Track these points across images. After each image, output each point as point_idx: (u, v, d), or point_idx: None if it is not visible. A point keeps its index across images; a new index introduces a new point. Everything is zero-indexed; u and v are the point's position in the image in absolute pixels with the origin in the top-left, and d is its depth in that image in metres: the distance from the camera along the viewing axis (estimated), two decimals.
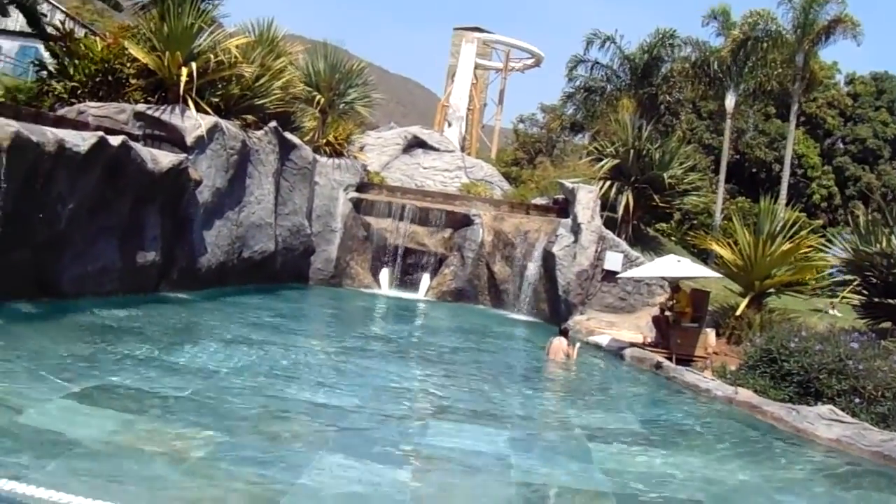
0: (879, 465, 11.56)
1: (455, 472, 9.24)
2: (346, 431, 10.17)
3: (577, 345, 19.45)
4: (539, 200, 31.63)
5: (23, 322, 13.98)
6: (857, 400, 14.15)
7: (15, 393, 9.44)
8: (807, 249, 22.71)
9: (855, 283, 20.15)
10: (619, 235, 27.15)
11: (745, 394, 15.21)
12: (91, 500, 6.42)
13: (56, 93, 21.37)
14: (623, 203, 27.97)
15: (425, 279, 28.94)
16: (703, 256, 33.11)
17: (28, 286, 15.45)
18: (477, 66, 64.15)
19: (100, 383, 10.51)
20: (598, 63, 45.19)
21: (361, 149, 32.85)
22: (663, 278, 23.01)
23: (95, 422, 8.94)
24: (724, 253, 23.52)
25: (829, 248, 21.18)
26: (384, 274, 28.88)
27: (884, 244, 19.56)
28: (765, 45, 42.84)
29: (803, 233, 23.95)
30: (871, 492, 10.46)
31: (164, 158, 18.69)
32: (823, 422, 13.13)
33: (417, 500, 8.20)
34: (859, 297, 20.60)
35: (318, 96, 28.74)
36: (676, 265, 21.22)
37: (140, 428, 8.93)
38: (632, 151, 28.41)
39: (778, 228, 23.56)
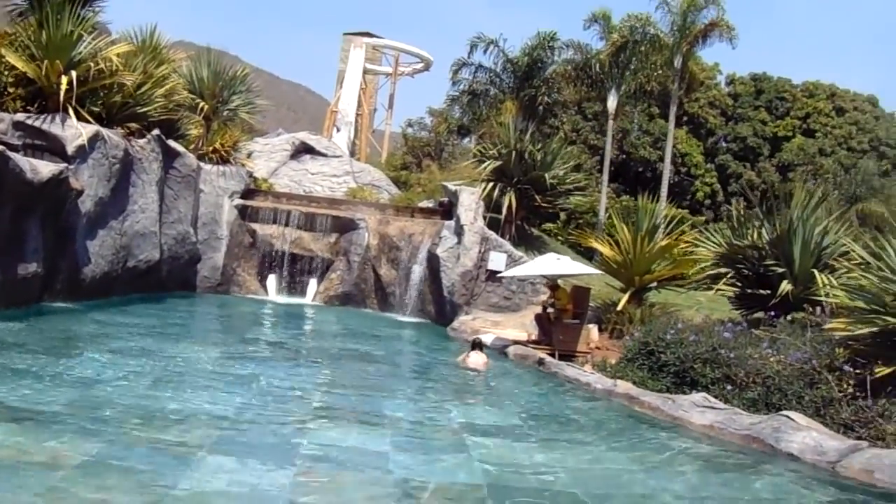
0: (748, 448, 12.12)
1: (336, 472, 9.46)
2: (228, 435, 10.31)
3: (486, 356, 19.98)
4: (425, 203, 32.01)
5: None
6: (729, 387, 14.79)
7: None
8: (685, 245, 23.52)
9: (729, 275, 20.89)
10: (502, 236, 27.63)
11: (623, 386, 15.73)
12: None
13: None
14: (506, 204, 28.42)
15: (312, 284, 29.08)
16: (590, 255, 33.82)
17: None
18: (366, 71, 64.45)
19: None
20: (481, 66, 45.65)
21: (249, 155, 32.82)
22: (544, 276, 23.54)
23: None
24: (605, 250, 24.23)
25: (706, 243, 21.92)
26: (271, 280, 28.93)
27: (755, 237, 20.32)
28: (644, 47, 43.81)
29: (683, 228, 24.80)
30: (735, 472, 10.98)
31: (44, 168, 18.50)
32: (697, 409, 13.70)
33: (296, 499, 8.43)
34: (733, 288, 21.38)
35: (202, 103, 28.63)
36: (556, 263, 21.80)
37: (15, 439, 8.96)
38: (514, 153, 28.89)
39: (657, 225, 24.36)
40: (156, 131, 23.68)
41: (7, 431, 9.17)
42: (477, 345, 18.90)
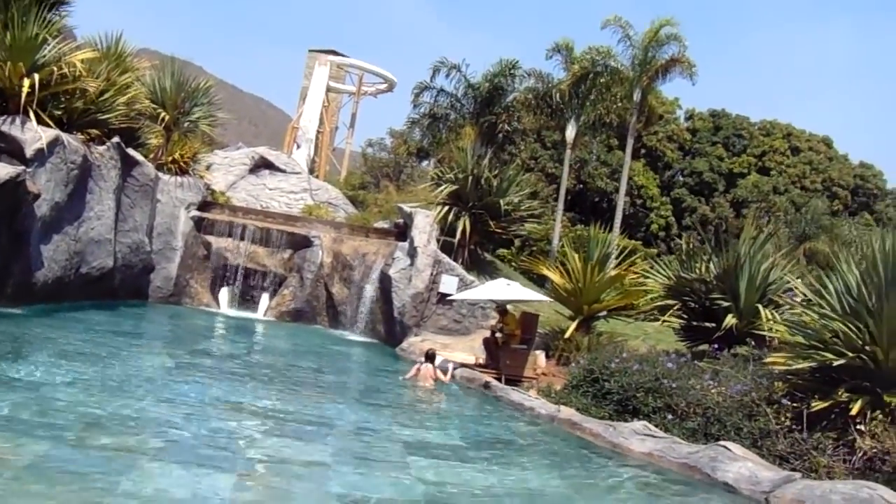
0: (686, 476, 12.36)
1: (276, 482, 9.64)
2: (171, 442, 10.43)
3: (451, 366, 20.15)
4: (380, 224, 32.18)
5: None
6: (669, 416, 15.10)
7: None
8: (635, 276, 23.83)
9: (676, 307, 21.21)
10: (455, 259, 27.84)
11: (566, 411, 15.92)
12: None
13: None
14: (460, 228, 28.59)
15: (265, 299, 29.14)
16: (541, 282, 34.06)
17: None
18: (330, 89, 64.56)
19: None
20: (443, 90, 45.76)
21: (208, 168, 32.82)
22: (493, 301, 23.77)
23: None
24: (556, 277, 24.47)
25: (655, 275, 22.23)
26: (224, 293, 28.93)
27: (703, 270, 20.67)
28: (604, 79, 44.17)
29: (635, 259, 25.13)
30: (671, 497, 11.24)
31: (0, 170, 18.52)
32: (637, 437, 13.94)
33: (236, 499, 8.58)
34: (679, 320, 21.69)
35: (163, 113, 28.65)
36: (506, 288, 22.07)
37: None
38: (470, 178, 29.12)
39: (608, 255, 24.68)
40: (116, 139, 23.67)
41: None
42: (430, 357, 19.16)
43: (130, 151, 24.77)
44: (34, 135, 20.30)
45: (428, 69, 45.09)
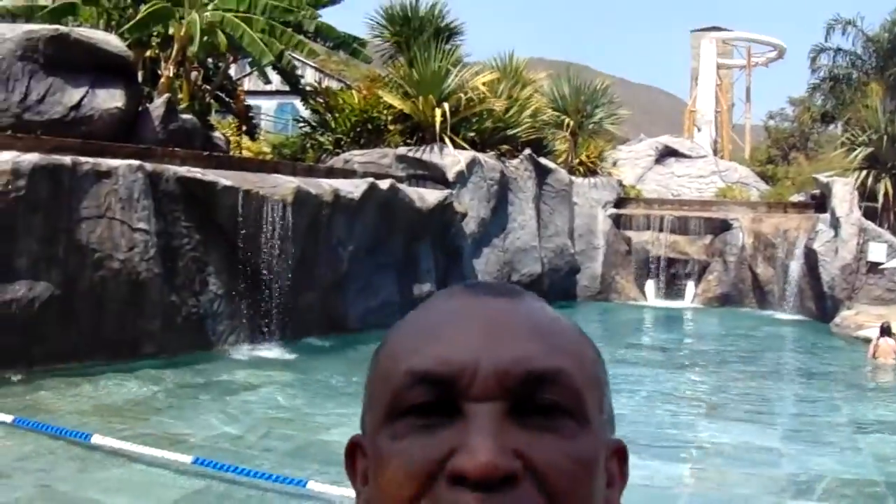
0: None
1: (728, 466, 9.66)
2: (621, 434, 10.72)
3: None
4: (796, 198, 31.14)
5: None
6: None
7: None
8: None
9: None
10: (881, 225, 26.33)
11: None
12: None
13: (321, 145, 23.05)
14: (882, 191, 27.06)
15: (690, 286, 29.02)
16: None
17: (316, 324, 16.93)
18: (719, 66, 63.26)
19: None
20: (840, 49, 43.55)
21: (614, 164, 33.26)
22: None
23: None
24: None
25: None
26: (649, 285, 29.12)
27: None
28: None
29: None
30: None
31: (429, 196, 19.88)
32: None
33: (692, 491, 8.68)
34: None
35: (567, 119, 29.35)
36: None
37: None
38: (885, 137, 27.54)
39: None
40: (527, 151, 24.63)
41: None
42: (885, 330, 18.03)
43: (542, 160, 25.65)
44: (453, 159, 21.58)
45: (821, 28, 43.12)
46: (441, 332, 0.86)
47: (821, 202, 27.91)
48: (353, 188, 17.28)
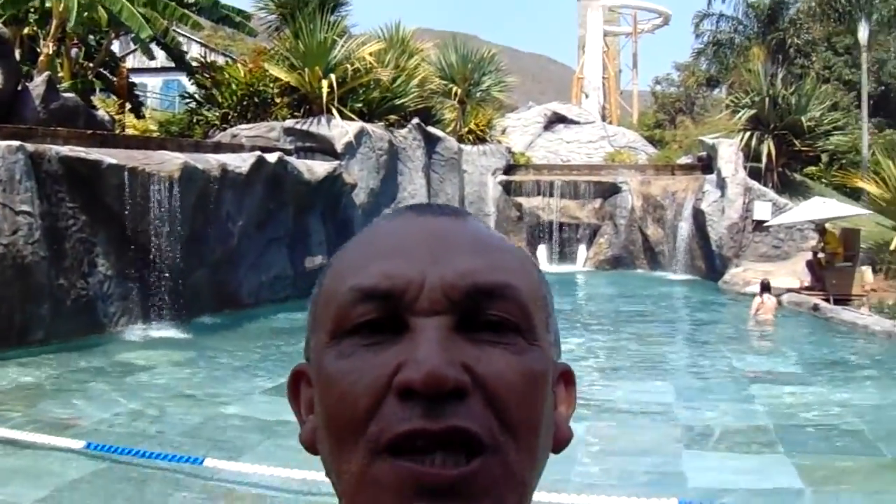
0: None
1: (625, 421, 9.90)
2: None
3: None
4: (683, 160, 31.70)
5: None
6: None
7: None
8: None
9: None
10: (765, 185, 26.97)
11: None
12: None
13: (207, 120, 22.76)
14: (765, 152, 27.68)
15: (581, 250, 29.35)
16: (856, 195, 32.47)
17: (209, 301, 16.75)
18: (606, 34, 63.86)
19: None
20: (723, 15, 44.55)
21: (503, 132, 33.39)
22: (810, 221, 22.96)
23: None
24: (872, 189, 23.43)
25: None
26: (541, 250, 29.30)
27: None
28: None
29: None
30: None
31: (318, 167, 19.78)
32: None
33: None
34: None
35: (455, 88, 29.42)
36: (821, 206, 21.33)
37: None
38: (767, 99, 28.18)
39: None
40: (415, 120, 24.62)
41: None
42: (765, 286, 18.55)
43: (431, 129, 25.66)
44: (341, 130, 21.47)
45: None
46: (386, 249, 0.86)
47: (707, 164, 28.47)
48: (240, 162, 17.09)
